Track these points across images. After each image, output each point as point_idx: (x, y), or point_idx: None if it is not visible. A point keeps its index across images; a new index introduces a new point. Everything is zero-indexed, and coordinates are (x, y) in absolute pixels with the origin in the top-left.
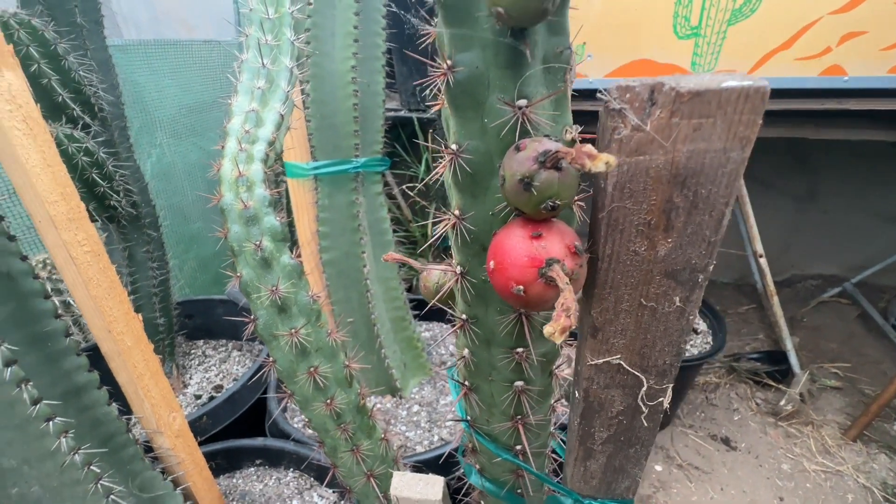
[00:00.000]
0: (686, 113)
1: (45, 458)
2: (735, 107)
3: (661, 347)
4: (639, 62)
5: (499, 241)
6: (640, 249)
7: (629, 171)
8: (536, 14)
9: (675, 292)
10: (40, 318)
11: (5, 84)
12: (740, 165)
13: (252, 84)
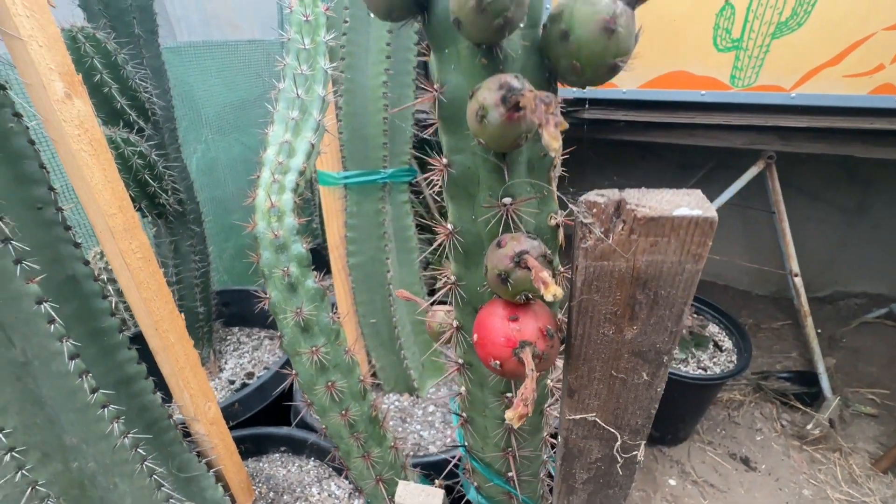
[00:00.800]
0: (643, 232)
1: (100, 439)
2: (687, 231)
3: (632, 410)
4: (675, 74)
5: (482, 318)
6: (609, 332)
7: (595, 272)
8: (511, 146)
9: (642, 368)
10: (98, 316)
11: (75, 111)
12: (695, 274)
13: (287, 114)
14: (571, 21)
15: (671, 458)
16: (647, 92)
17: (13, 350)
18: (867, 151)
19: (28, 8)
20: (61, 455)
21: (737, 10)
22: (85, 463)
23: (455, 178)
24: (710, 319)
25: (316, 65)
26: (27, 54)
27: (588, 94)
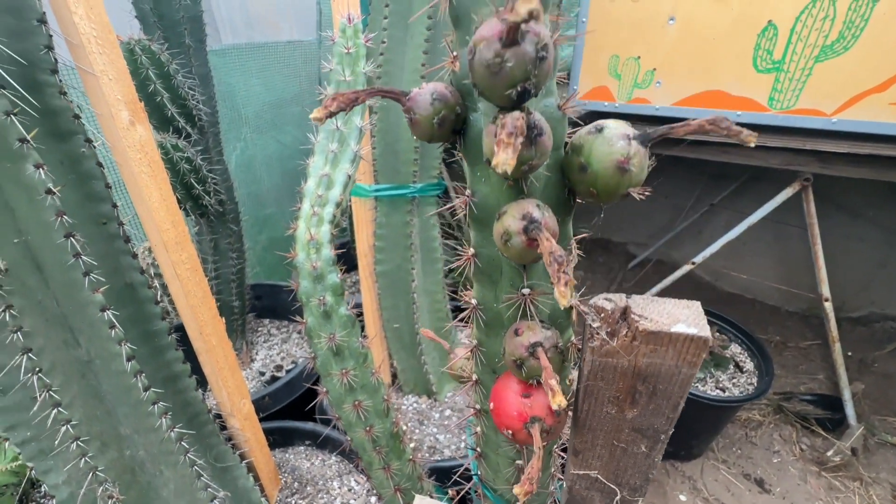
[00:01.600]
0: (644, 340)
1: (150, 431)
2: (683, 344)
3: (631, 473)
4: (711, 93)
5: (497, 390)
6: (612, 411)
7: (600, 366)
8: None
9: (641, 441)
10: (150, 319)
11: (137, 136)
12: (691, 376)
13: (327, 146)
14: (590, 157)
15: (683, 474)
16: (681, 110)
17: (80, 350)
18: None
19: (101, 46)
20: (117, 444)
21: (780, 32)
22: (136, 451)
23: (481, 267)
24: (733, 339)
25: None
26: (99, 87)
27: (620, 109)
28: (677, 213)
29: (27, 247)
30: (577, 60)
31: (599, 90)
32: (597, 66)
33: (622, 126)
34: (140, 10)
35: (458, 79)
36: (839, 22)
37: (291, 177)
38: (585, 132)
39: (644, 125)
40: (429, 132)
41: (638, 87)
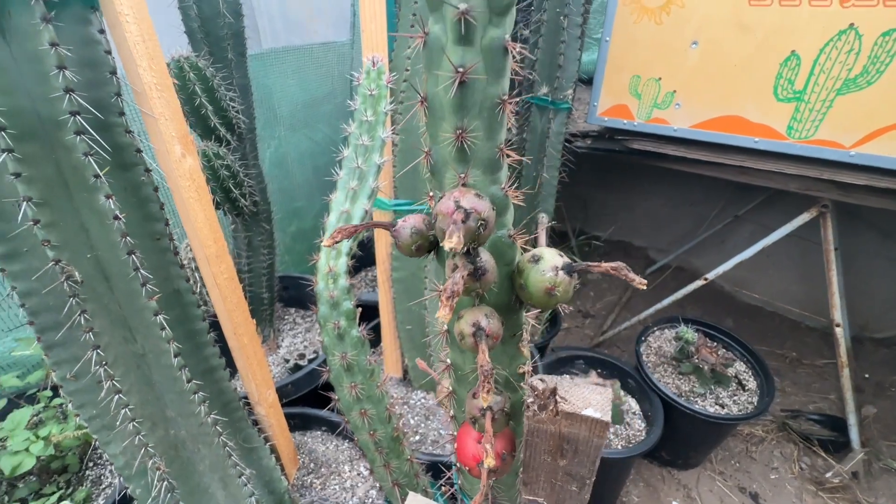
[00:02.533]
0: (564, 416)
1: (191, 415)
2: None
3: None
4: (730, 118)
5: (460, 434)
6: (547, 459)
7: (535, 428)
8: None
9: (572, 483)
10: (194, 320)
11: (187, 166)
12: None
13: (348, 183)
14: (527, 281)
15: (679, 482)
16: (699, 132)
17: (136, 346)
18: None
19: (160, 91)
20: (164, 425)
21: (803, 62)
22: (179, 432)
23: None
24: (740, 357)
25: (375, 134)
26: (157, 126)
27: (638, 128)
28: (701, 222)
29: (97, 261)
30: (598, 78)
31: (619, 108)
32: (618, 85)
33: (554, 258)
34: (189, 28)
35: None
36: (864, 56)
37: (321, 172)
38: (527, 259)
39: (663, 144)
40: (408, 253)
41: (657, 108)
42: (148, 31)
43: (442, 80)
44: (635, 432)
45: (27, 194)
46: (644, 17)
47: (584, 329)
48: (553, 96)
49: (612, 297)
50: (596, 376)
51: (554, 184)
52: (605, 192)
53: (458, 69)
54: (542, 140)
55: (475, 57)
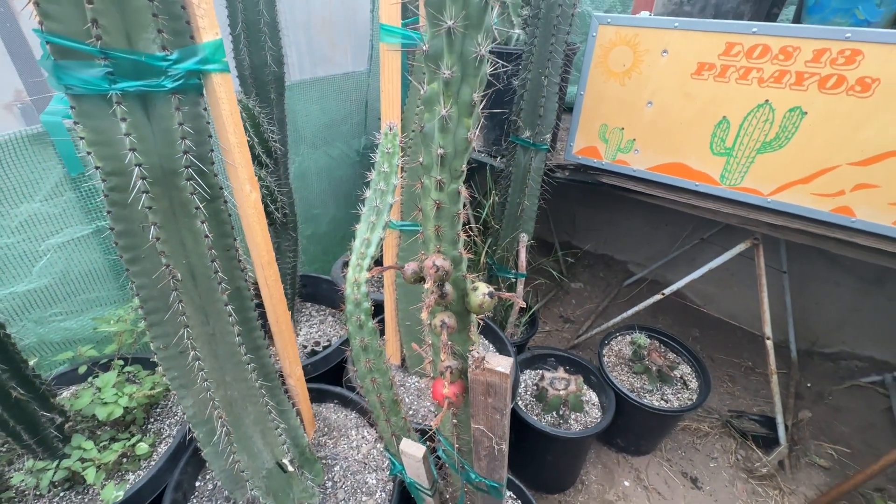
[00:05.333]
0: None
1: (243, 381)
2: (500, 375)
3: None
4: (676, 164)
5: (434, 384)
6: (481, 398)
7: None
8: None
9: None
10: (248, 310)
11: (253, 198)
12: (506, 387)
13: (369, 217)
14: (469, 299)
15: (631, 465)
16: (653, 174)
17: (209, 327)
18: (841, 249)
19: (239, 149)
20: (224, 386)
21: (731, 125)
22: (234, 393)
23: None
24: (686, 361)
25: (390, 181)
26: (235, 171)
27: (606, 166)
28: (674, 241)
29: (189, 265)
30: (574, 123)
31: (590, 149)
32: (590, 130)
33: (483, 288)
34: (241, 74)
35: None
36: (776, 125)
37: (336, 183)
38: (470, 287)
39: (626, 181)
40: (410, 282)
41: (621, 151)
42: (234, 108)
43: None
44: (592, 419)
45: (154, 220)
46: (611, 79)
47: (563, 332)
48: (534, 139)
49: (591, 304)
50: (563, 371)
51: (534, 209)
52: (593, 208)
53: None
54: (525, 174)
55: (444, 198)
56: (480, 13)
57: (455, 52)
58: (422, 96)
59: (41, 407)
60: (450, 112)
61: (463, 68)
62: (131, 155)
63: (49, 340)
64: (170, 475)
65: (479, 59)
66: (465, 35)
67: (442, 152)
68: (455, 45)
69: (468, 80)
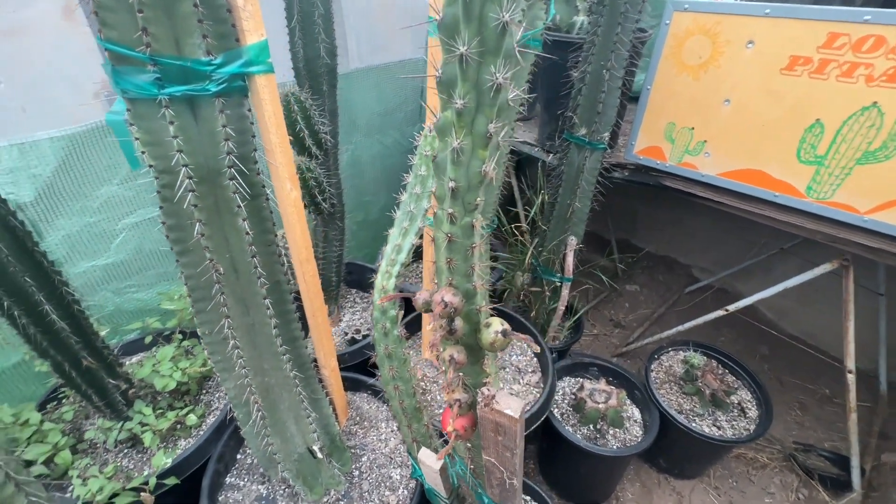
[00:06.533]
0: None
1: (279, 370)
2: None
3: (507, 464)
4: (754, 172)
5: (444, 414)
6: (491, 434)
7: (482, 416)
8: None
9: (506, 450)
10: (286, 303)
11: (294, 196)
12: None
13: (402, 223)
14: (481, 336)
15: (673, 489)
16: (724, 181)
17: (249, 318)
18: None
19: (280, 148)
20: (261, 374)
21: (825, 130)
22: (271, 380)
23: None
24: (747, 386)
25: (426, 186)
26: (277, 171)
27: (670, 169)
28: (749, 247)
29: (232, 259)
30: (637, 120)
31: (653, 149)
32: (654, 128)
33: (497, 326)
34: (295, 66)
35: None
36: (885, 132)
37: (388, 171)
38: (483, 323)
39: (692, 186)
40: (420, 310)
41: (689, 154)
42: (277, 109)
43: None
44: (632, 437)
45: (199, 217)
46: (684, 73)
47: (612, 338)
48: (590, 137)
49: (646, 310)
50: (605, 384)
51: (585, 212)
52: (655, 206)
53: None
54: (577, 174)
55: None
56: (498, 38)
57: (469, 80)
58: (435, 124)
59: (108, 374)
60: (462, 144)
61: (478, 97)
62: (178, 156)
63: (124, 309)
64: (214, 446)
65: (496, 88)
66: (480, 62)
67: (453, 185)
68: (469, 73)
69: (483, 109)
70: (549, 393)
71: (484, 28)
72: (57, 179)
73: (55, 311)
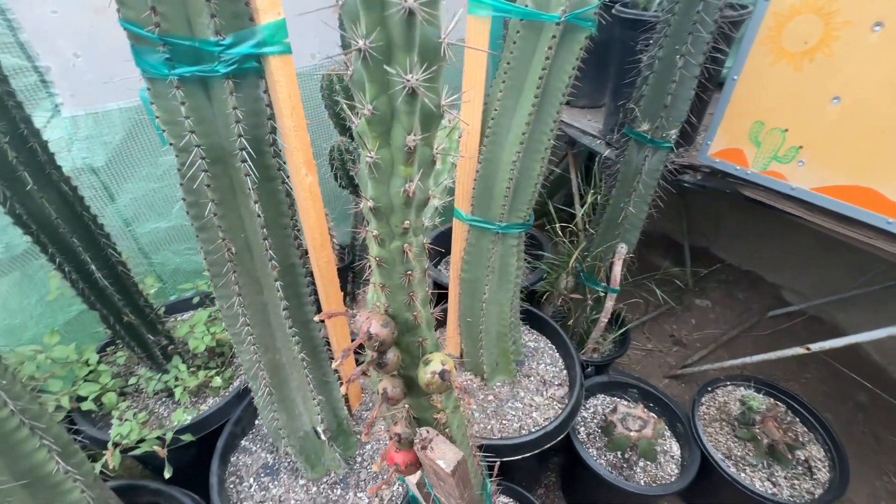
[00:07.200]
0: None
1: (289, 350)
2: (438, 467)
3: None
4: (861, 190)
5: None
6: (433, 477)
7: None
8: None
9: (450, 497)
10: (300, 286)
11: (308, 181)
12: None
13: None
14: (418, 373)
15: None
16: (820, 197)
17: (263, 297)
18: None
19: (296, 133)
20: (272, 352)
21: None
22: (281, 359)
23: None
24: (819, 442)
25: (440, 182)
26: (291, 155)
27: (751, 177)
28: (858, 273)
29: (246, 240)
30: (716, 117)
31: (733, 152)
32: (737, 128)
33: (436, 364)
34: (344, 44)
35: None
36: None
37: None
38: (422, 359)
39: (778, 199)
40: None
41: (777, 161)
42: (294, 92)
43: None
44: (664, 475)
45: (212, 197)
46: (782, 61)
47: (668, 356)
48: (653, 134)
49: (715, 330)
50: (642, 410)
51: (641, 218)
52: (745, 212)
53: None
54: (635, 175)
55: None
56: (404, 28)
57: (376, 81)
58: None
59: (148, 331)
60: (377, 158)
61: (391, 102)
62: (190, 136)
63: (183, 269)
64: (234, 409)
65: (411, 93)
66: (384, 60)
67: (372, 205)
68: (375, 74)
69: (399, 118)
70: (572, 411)
71: (386, 16)
72: (125, 147)
73: (100, 270)
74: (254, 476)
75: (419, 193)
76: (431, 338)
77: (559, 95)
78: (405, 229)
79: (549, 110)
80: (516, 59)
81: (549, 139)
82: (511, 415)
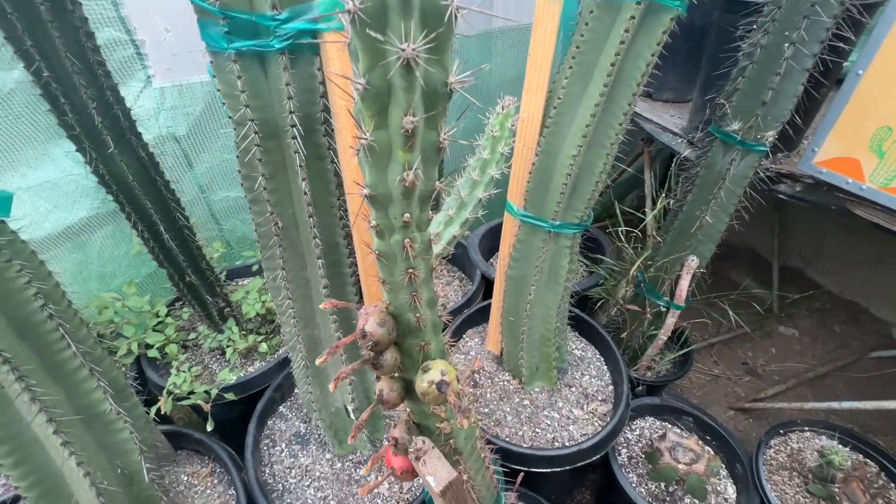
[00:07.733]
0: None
1: (327, 326)
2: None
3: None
4: None
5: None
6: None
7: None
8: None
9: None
10: (343, 265)
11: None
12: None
13: (448, 209)
14: (414, 383)
15: None
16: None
17: (306, 272)
18: None
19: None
20: (312, 327)
21: None
22: (318, 334)
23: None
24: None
25: (486, 172)
26: (341, 135)
27: (865, 193)
28: None
29: (293, 215)
30: (828, 118)
31: (846, 162)
32: (855, 133)
33: (435, 374)
34: None
35: None
36: None
37: None
38: (421, 366)
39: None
40: None
41: None
42: (346, 69)
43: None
44: None
45: (263, 171)
46: None
47: (737, 385)
48: (744, 135)
49: (800, 364)
50: (696, 442)
51: (719, 229)
52: (854, 233)
53: None
54: (717, 180)
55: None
56: None
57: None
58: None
59: (207, 292)
60: (373, 140)
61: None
62: (245, 110)
63: (248, 237)
64: (276, 376)
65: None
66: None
67: (368, 192)
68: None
69: (396, 94)
70: (613, 431)
71: None
72: (204, 118)
73: (168, 232)
74: (286, 442)
75: (421, 184)
76: (436, 342)
77: (633, 85)
78: (405, 223)
79: (621, 101)
80: (587, 42)
81: (616, 133)
82: (546, 424)
